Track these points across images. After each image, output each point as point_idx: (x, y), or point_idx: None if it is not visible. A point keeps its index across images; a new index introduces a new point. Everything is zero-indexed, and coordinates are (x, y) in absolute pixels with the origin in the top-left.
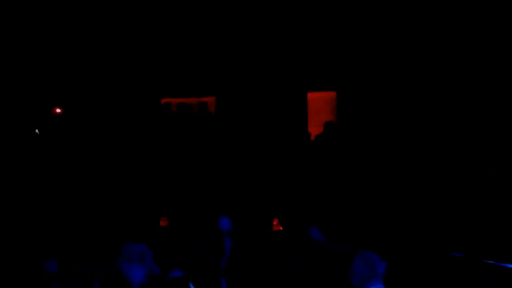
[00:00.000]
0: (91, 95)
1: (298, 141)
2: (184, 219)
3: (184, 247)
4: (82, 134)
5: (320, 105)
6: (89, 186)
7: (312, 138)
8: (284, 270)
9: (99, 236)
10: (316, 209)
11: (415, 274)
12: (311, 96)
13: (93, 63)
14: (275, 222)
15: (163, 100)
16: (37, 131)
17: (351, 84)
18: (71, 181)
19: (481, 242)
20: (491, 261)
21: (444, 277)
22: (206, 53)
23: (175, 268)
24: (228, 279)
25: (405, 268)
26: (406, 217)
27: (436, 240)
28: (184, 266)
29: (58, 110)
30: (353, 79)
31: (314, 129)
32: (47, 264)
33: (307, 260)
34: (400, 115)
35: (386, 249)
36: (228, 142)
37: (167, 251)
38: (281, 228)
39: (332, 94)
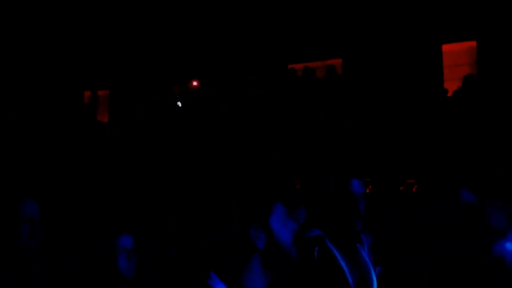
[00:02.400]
0: (219, 66)
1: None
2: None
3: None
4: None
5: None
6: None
7: (450, 94)
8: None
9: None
10: (457, 170)
11: None
12: (447, 48)
13: (221, 35)
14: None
15: (290, 66)
16: (179, 103)
17: (494, 32)
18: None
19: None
20: None
21: None
22: (330, 14)
23: (314, 229)
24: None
25: None
26: None
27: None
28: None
29: (195, 83)
30: (497, 26)
31: (451, 84)
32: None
33: (458, 223)
34: None
35: None
36: (359, 105)
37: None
38: (414, 189)
39: (471, 45)
